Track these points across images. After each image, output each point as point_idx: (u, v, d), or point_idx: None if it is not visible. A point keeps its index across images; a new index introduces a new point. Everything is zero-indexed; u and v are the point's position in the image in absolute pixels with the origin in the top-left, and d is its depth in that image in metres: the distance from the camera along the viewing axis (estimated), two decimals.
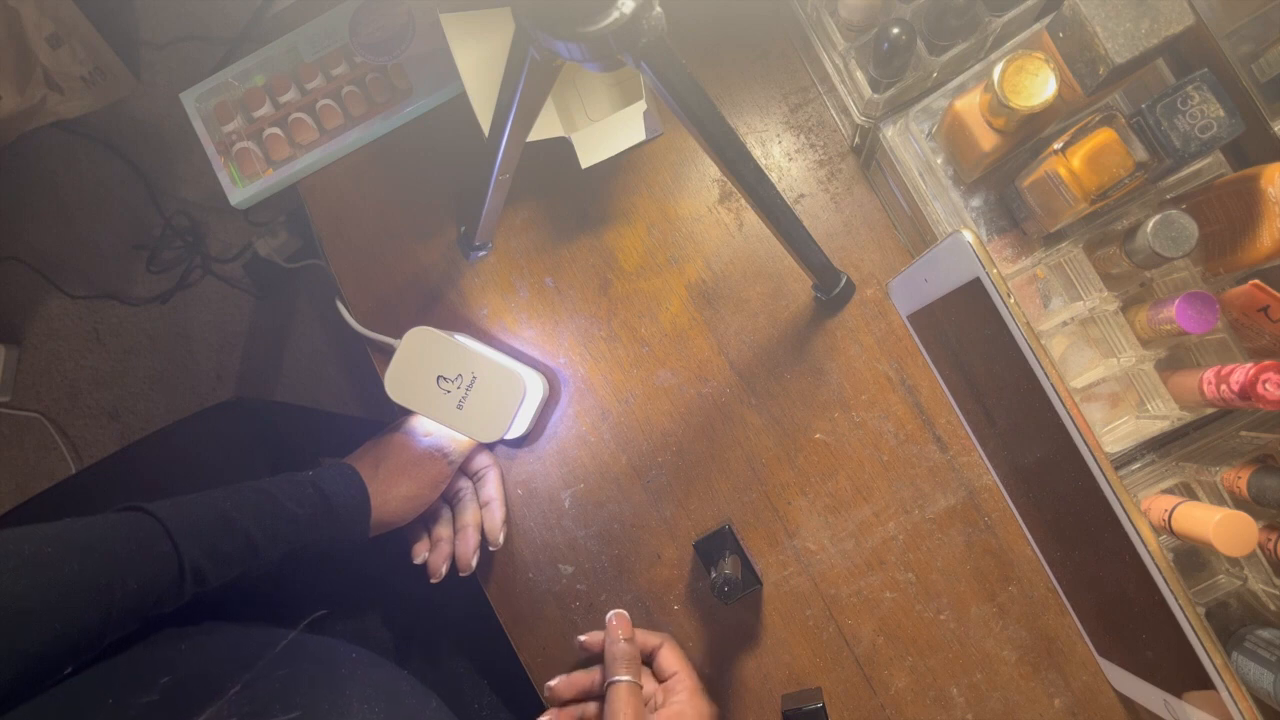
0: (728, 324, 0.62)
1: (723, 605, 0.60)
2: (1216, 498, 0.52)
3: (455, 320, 0.64)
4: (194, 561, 0.45)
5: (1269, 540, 0.48)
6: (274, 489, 0.51)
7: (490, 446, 0.63)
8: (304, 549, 0.51)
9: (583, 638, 0.56)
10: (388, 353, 0.63)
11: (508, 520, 0.61)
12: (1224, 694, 0.42)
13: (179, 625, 0.47)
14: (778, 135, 0.62)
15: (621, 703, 0.51)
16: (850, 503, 0.60)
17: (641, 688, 0.53)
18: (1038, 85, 0.45)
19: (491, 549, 0.60)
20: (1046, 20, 0.46)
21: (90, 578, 0.41)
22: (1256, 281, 0.47)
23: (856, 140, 0.59)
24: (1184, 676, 0.45)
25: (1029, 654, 0.58)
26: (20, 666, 0.39)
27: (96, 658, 0.43)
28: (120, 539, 0.43)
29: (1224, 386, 0.46)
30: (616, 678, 0.53)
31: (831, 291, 0.58)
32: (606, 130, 0.58)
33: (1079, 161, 0.45)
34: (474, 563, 0.57)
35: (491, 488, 0.61)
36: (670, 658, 0.57)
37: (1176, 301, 0.47)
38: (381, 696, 0.47)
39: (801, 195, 0.62)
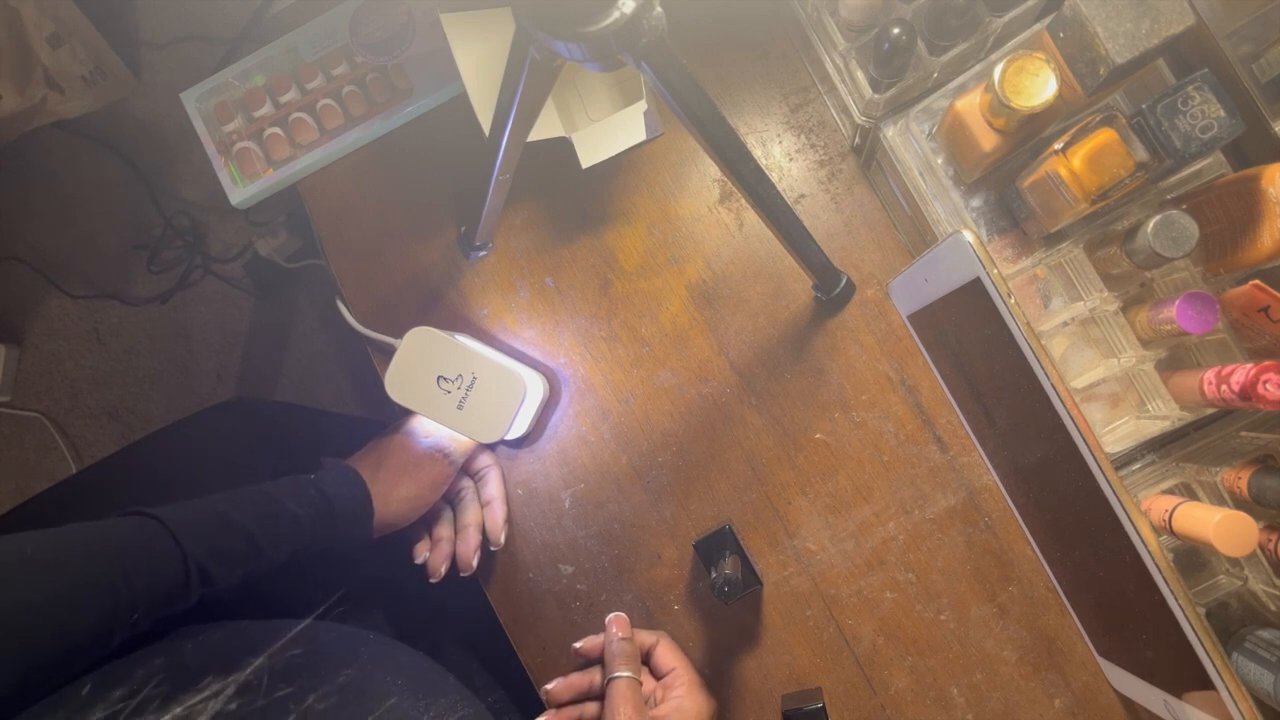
0: (728, 324, 0.62)
1: (723, 605, 0.60)
2: (1217, 498, 0.52)
3: (455, 320, 0.64)
4: (198, 560, 0.45)
5: (1269, 540, 0.48)
6: (275, 491, 0.51)
7: (491, 447, 0.63)
8: (307, 550, 0.51)
9: (578, 645, 0.56)
10: (388, 353, 0.63)
11: (509, 520, 0.61)
12: (1224, 694, 0.42)
13: (189, 624, 0.47)
14: (778, 135, 0.62)
15: (621, 698, 0.51)
16: (850, 503, 0.60)
17: (641, 684, 0.53)
18: (1038, 85, 0.45)
19: (493, 549, 0.60)
20: (1047, 20, 0.46)
21: (94, 576, 0.41)
22: (1257, 282, 0.47)
23: (857, 140, 0.59)
24: (1184, 677, 0.45)
25: (1029, 654, 0.58)
26: (25, 665, 0.38)
27: (107, 658, 0.43)
28: (124, 539, 0.43)
29: (1224, 387, 0.46)
30: (616, 674, 0.52)
31: (832, 291, 0.58)
32: (607, 130, 0.58)
33: (1079, 161, 0.45)
34: (475, 563, 0.57)
35: (493, 487, 0.61)
36: (667, 654, 0.56)
37: (1177, 302, 0.47)
38: (403, 672, 0.48)
39: (802, 195, 0.62)
